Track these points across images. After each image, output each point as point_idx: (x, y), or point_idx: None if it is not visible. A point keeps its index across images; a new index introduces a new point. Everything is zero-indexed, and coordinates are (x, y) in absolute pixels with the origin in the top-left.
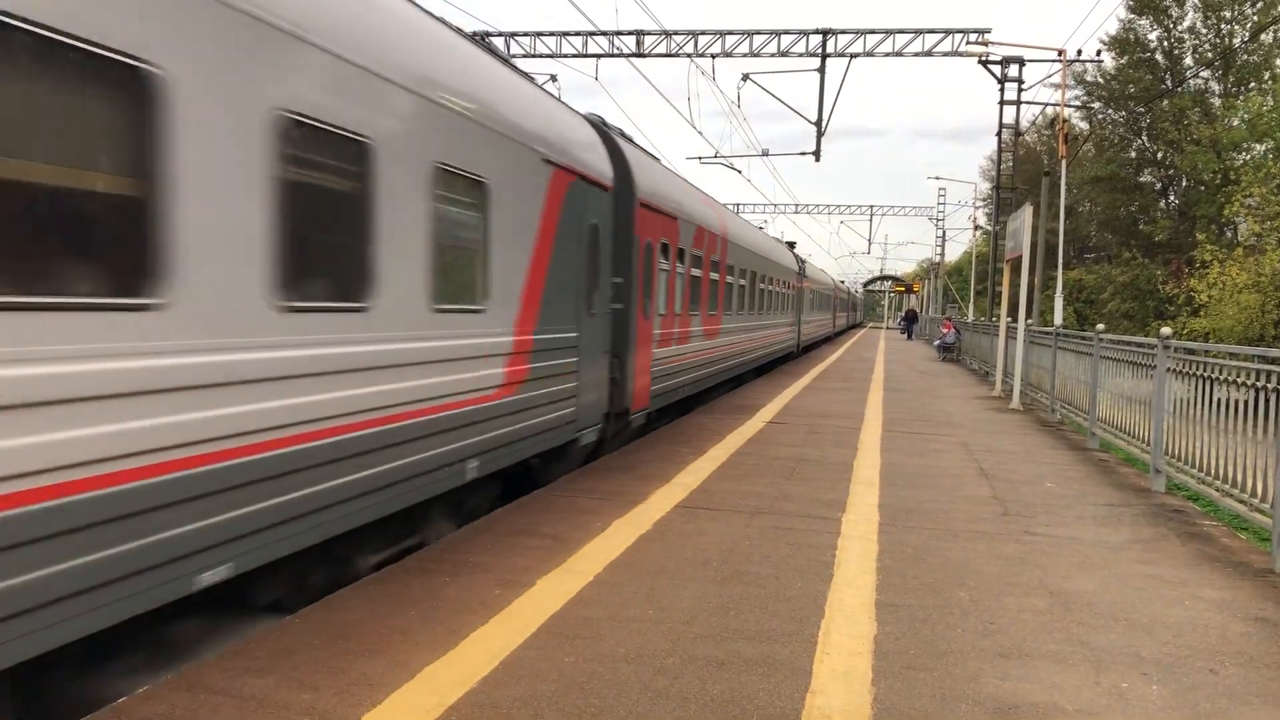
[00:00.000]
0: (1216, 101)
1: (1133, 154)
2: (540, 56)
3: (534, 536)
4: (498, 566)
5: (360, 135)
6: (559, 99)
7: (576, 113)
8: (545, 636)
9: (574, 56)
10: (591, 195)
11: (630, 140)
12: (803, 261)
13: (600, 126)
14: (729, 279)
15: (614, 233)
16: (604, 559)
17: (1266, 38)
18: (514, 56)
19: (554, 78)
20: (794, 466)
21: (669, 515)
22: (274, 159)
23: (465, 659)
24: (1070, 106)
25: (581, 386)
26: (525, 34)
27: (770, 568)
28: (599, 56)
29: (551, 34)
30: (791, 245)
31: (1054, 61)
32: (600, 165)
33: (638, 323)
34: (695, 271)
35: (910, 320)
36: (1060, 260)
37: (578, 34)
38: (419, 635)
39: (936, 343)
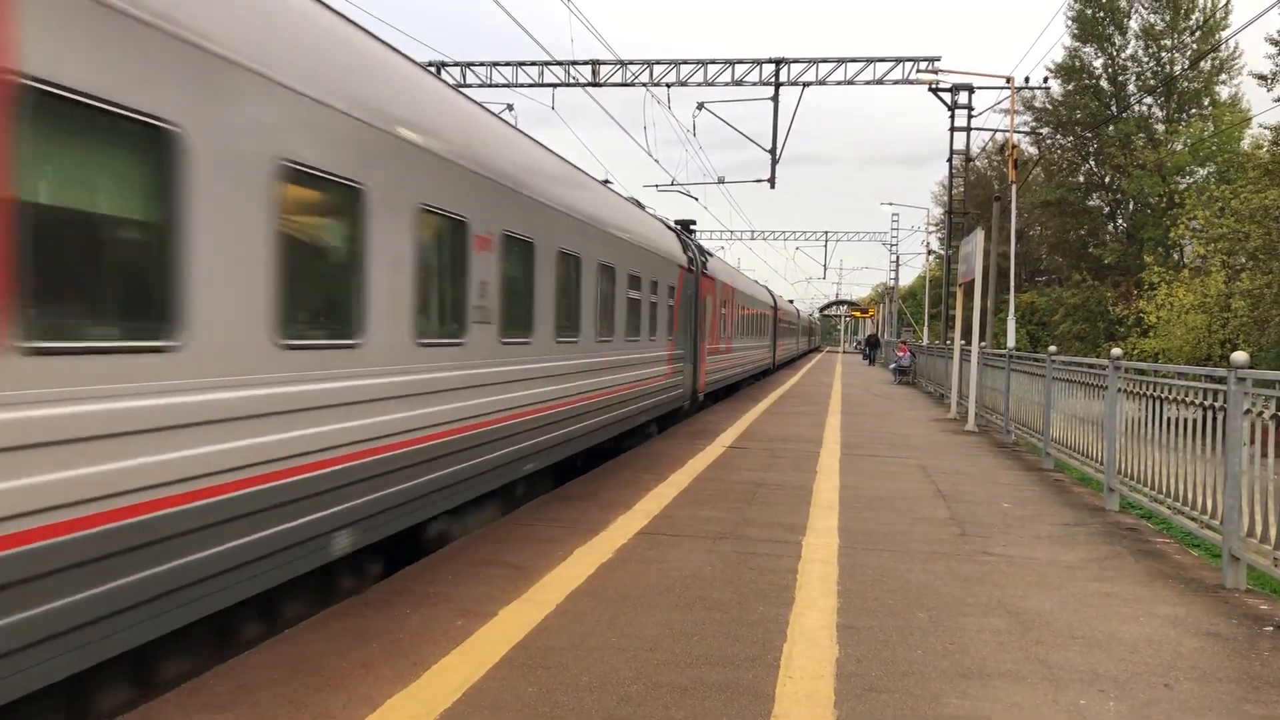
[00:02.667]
0: (1160, 127)
1: (1081, 178)
2: (496, 86)
3: (496, 566)
4: (460, 597)
5: (787, 322)
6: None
7: (765, 287)
8: (508, 667)
9: (530, 86)
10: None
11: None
12: (798, 310)
13: (768, 289)
14: (789, 323)
15: (776, 319)
16: (567, 587)
17: (1206, 65)
18: (469, 86)
19: (510, 107)
20: (755, 491)
21: (631, 542)
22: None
23: (428, 691)
24: (1019, 132)
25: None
26: (481, 64)
27: (732, 592)
28: (555, 86)
29: (508, 64)
30: (791, 302)
31: (1003, 88)
32: (766, 299)
33: (777, 341)
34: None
35: (872, 345)
36: (1012, 283)
37: (534, 64)
38: (381, 668)
39: (892, 366)
